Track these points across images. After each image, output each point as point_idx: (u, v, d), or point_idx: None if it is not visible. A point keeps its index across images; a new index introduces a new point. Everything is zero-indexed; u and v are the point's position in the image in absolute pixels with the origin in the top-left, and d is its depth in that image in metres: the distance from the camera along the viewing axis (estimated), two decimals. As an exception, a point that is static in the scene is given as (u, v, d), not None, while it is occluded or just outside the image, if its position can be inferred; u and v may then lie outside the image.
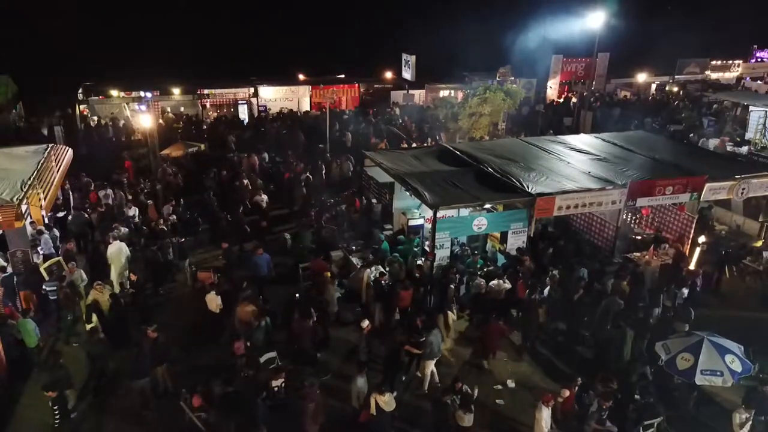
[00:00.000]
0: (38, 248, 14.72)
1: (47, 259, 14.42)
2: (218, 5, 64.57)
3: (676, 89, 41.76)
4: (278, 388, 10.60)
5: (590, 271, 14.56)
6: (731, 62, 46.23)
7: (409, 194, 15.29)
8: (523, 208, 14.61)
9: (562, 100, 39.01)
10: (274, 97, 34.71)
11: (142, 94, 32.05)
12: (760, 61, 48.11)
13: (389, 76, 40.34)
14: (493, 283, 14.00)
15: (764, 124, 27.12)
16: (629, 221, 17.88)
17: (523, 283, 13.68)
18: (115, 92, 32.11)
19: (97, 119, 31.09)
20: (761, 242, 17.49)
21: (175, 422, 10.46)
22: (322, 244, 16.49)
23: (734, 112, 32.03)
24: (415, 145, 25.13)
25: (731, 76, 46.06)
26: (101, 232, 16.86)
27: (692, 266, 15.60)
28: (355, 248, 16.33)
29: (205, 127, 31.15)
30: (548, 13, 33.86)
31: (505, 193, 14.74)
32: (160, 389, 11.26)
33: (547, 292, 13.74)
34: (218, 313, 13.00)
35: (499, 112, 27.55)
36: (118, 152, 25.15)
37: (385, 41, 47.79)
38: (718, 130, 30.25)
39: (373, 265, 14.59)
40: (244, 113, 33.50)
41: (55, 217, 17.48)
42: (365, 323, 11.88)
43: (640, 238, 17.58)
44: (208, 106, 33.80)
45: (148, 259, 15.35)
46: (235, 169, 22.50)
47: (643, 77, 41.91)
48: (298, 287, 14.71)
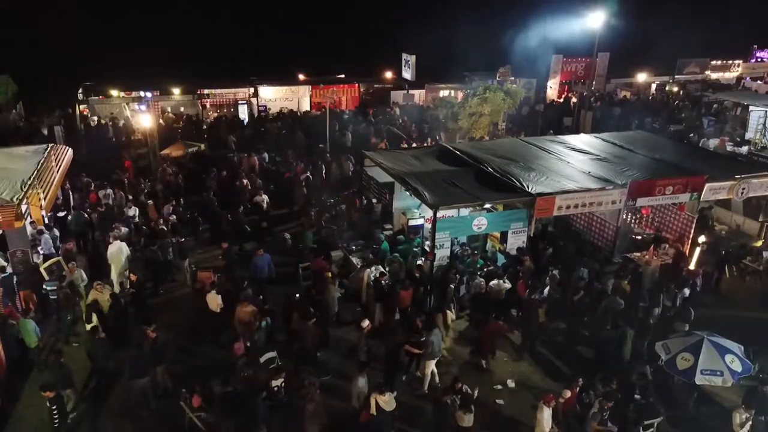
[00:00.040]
0: (38, 248, 14.73)
1: (47, 259, 14.42)
2: (218, 5, 64.63)
3: (676, 89, 41.75)
4: (278, 388, 10.59)
5: (590, 270, 14.56)
6: (731, 62, 46.24)
7: (409, 194, 15.29)
8: (523, 207, 14.61)
9: (562, 100, 38.99)
10: (274, 97, 34.71)
11: (142, 94, 32.07)
12: (760, 61, 48.13)
13: (389, 76, 40.34)
14: (493, 283, 14.02)
15: (764, 124, 27.09)
16: (629, 221, 17.88)
17: (523, 283, 13.68)
18: (115, 92, 32.12)
19: (97, 119, 31.07)
20: (761, 242, 17.49)
21: (175, 422, 10.47)
22: (322, 244, 16.49)
23: (734, 112, 32.04)
24: (415, 145, 25.13)
25: (731, 76, 46.07)
26: (101, 232, 16.91)
27: (692, 266, 15.61)
28: (355, 248, 16.33)
29: (205, 127, 31.15)
30: (548, 12, 33.89)
31: (505, 192, 14.73)
32: (159, 389, 11.27)
33: (547, 292, 13.76)
34: (219, 312, 13.00)
35: (499, 112, 27.54)
36: (118, 152, 25.17)
37: (385, 41, 47.78)
38: (718, 130, 30.25)
39: (373, 265, 14.60)
40: (244, 113, 33.48)
41: (55, 217, 17.47)
42: (365, 323, 11.89)
43: (640, 237, 17.62)
44: (208, 106, 33.81)
45: (148, 259, 15.37)
46: (235, 169, 22.49)
47: (643, 77, 41.93)
48: (298, 287, 14.71)
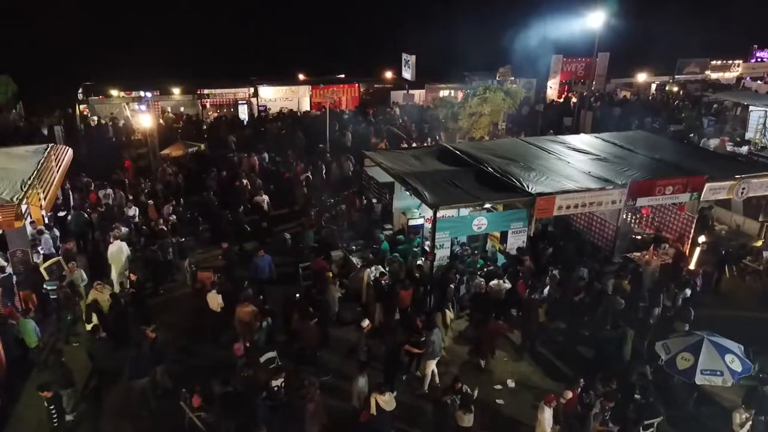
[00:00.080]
0: (38, 248, 14.73)
1: (47, 258, 14.42)
2: (218, 5, 64.61)
3: (676, 89, 41.74)
4: (278, 388, 10.59)
5: (590, 270, 14.56)
6: (731, 62, 46.22)
7: (409, 194, 15.29)
8: (523, 207, 14.61)
9: (562, 100, 38.98)
10: (274, 97, 34.69)
11: (142, 94, 32.06)
12: (760, 61, 48.11)
13: (389, 76, 40.31)
14: (493, 283, 14.02)
15: (764, 124, 27.09)
16: (629, 221, 17.88)
17: (523, 283, 13.68)
18: (115, 92, 32.10)
19: (97, 119, 31.06)
20: (761, 242, 17.49)
21: (175, 422, 10.46)
22: (322, 243, 16.49)
23: (734, 112, 32.02)
24: (415, 145, 25.12)
25: (731, 76, 46.05)
26: (101, 232, 16.90)
27: (692, 266, 15.61)
28: (355, 248, 16.33)
29: (205, 127, 31.14)
30: (548, 12, 33.86)
31: (505, 192, 14.73)
32: (159, 389, 11.27)
33: (547, 292, 13.76)
34: (219, 312, 13.00)
35: (499, 112, 27.54)
36: (118, 152, 25.16)
37: (385, 41, 47.75)
38: (718, 130, 30.23)
39: (373, 265, 14.60)
40: (244, 113, 33.47)
41: (55, 217, 17.48)
42: (365, 323, 11.88)
43: (640, 237, 17.61)
44: (208, 106, 33.80)
45: (148, 259, 15.37)
46: (235, 169, 22.49)
47: (643, 77, 41.91)
48: (298, 287, 14.71)
